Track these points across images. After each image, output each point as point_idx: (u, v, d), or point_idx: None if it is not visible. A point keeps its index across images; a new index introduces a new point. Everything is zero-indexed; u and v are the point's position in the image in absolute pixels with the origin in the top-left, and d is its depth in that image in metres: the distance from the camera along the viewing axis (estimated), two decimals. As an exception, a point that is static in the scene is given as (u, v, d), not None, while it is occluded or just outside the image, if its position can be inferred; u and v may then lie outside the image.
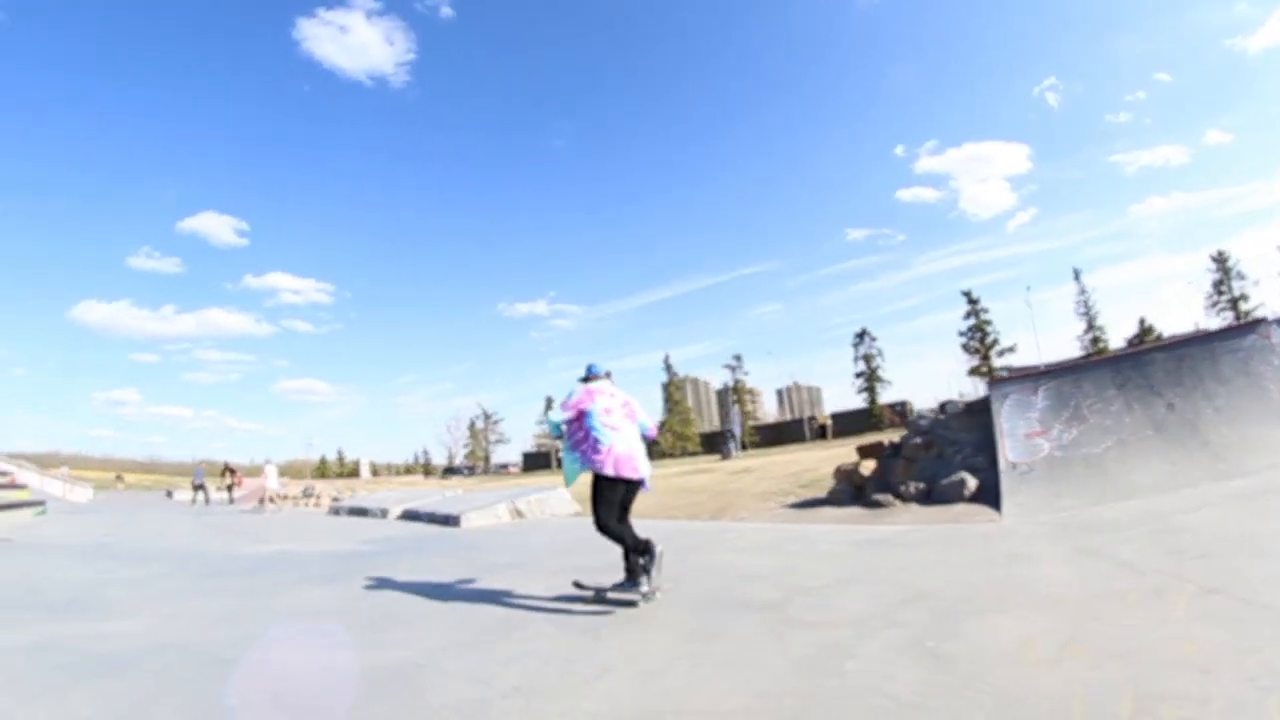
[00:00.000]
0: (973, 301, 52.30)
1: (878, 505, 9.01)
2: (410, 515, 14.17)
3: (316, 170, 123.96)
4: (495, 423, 77.59)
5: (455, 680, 3.23)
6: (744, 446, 49.20)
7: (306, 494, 27.93)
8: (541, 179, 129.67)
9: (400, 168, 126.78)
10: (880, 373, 56.97)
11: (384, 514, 15.00)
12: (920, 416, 10.94)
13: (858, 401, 57.46)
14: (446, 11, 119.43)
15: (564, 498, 13.23)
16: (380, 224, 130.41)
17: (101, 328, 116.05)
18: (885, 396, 56.72)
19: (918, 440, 9.90)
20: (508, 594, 5.24)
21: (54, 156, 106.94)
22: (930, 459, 9.56)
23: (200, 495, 29.00)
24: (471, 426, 78.28)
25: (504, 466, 77.61)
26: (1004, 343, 50.42)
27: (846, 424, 54.20)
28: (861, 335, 58.23)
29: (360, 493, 25.09)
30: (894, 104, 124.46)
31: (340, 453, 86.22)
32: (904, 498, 9.05)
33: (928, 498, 8.82)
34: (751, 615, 4.02)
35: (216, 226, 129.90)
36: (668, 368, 68.54)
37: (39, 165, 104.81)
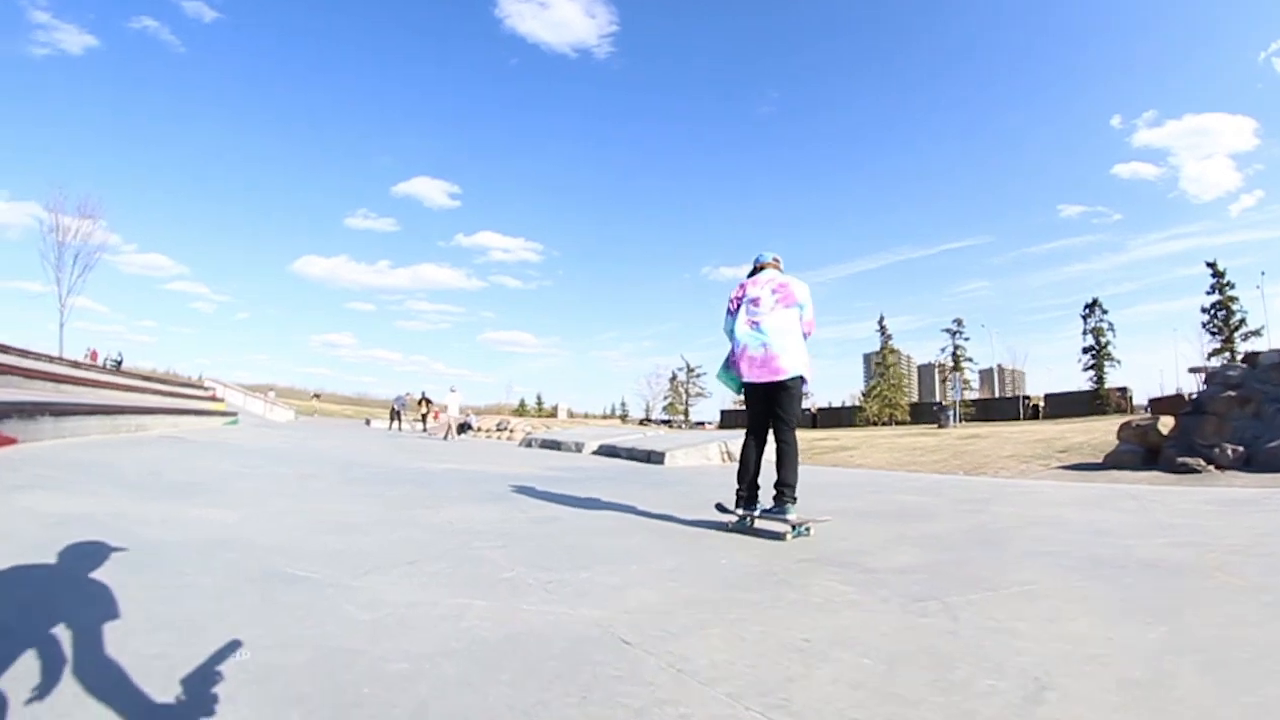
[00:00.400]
0: (1218, 274, 43.14)
1: (1185, 470, 7.80)
2: (608, 450, 13.45)
3: (525, 137, 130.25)
4: (697, 375, 75.40)
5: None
6: (960, 418, 45.58)
7: (500, 427, 29.42)
8: (747, 146, 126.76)
9: (606, 134, 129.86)
10: (1111, 350, 49.35)
11: (578, 448, 14.61)
12: (1227, 367, 9.94)
13: (1074, 384, 50.45)
14: None
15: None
16: (587, 188, 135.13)
17: (321, 279, 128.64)
18: (1115, 378, 49.17)
19: (1231, 394, 8.74)
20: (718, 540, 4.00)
21: (280, 127, 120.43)
22: (1246, 417, 8.45)
23: (396, 424, 30.55)
24: (673, 379, 77.17)
25: (701, 424, 77.92)
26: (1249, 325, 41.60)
27: (1062, 406, 47.29)
28: (1092, 306, 50.46)
29: (555, 429, 26.04)
30: (1109, 70, 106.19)
31: (539, 397, 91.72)
32: (1218, 463, 7.83)
33: (1247, 464, 7.73)
34: (1183, 580, 2.75)
35: (429, 190, 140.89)
36: (881, 329, 62.41)
37: (268, 134, 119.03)
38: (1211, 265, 43.92)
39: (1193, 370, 46.77)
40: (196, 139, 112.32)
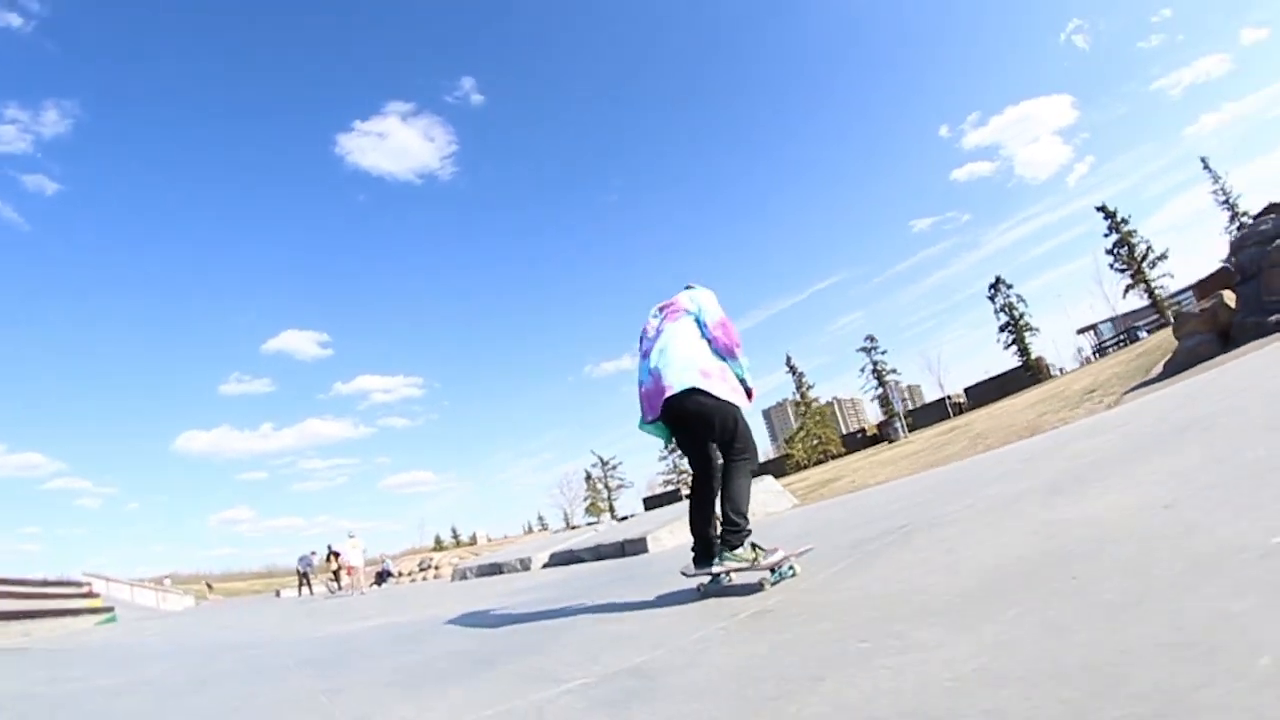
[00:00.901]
0: (1110, 215, 44.93)
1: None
2: (564, 559, 10.16)
3: (385, 272, 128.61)
4: (613, 468, 71.31)
5: None
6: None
7: (424, 566, 24.46)
8: (602, 236, 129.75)
9: (465, 253, 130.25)
10: (1028, 320, 49.45)
11: (525, 565, 10.99)
12: (1257, 223, 9.83)
13: (986, 372, 50.66)
14: (477, 99, 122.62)
15: (774, 489, 10.35)
16: (455, 312, 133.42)
17: (206, 454, 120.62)
18: (1038, 346, 49.12)
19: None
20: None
21: (136, 301, 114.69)
22: None
23: (306, 589, 26.27)
24: (588, 478, 72.52)
25: (625, 518, 72.14)
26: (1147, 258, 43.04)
27: (985, 394, 46.10)
28: (996, 285, 51.16)
29: (485, 554, 21.00)
30: (926, 87, 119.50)
31: (454, 530, 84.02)
32: None
33: None
34: None
35: (299, 342, 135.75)
36: (792, 369, 61.78)
37: (124, 310, 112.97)
38: (1102, 209, 45.47)
39: (1081, 331, 47.48)
40: (53, 323, 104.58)
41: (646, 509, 69.15)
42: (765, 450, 76.60)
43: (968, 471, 6.79)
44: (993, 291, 51.05)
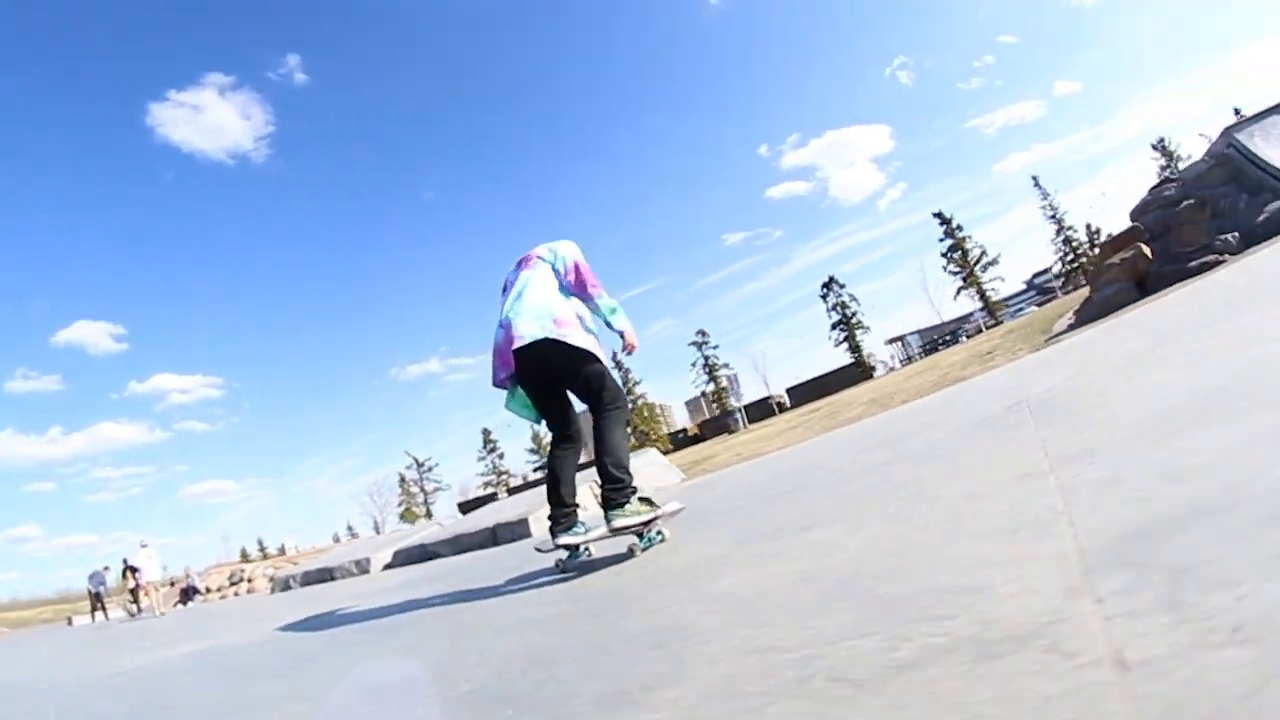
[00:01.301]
0: (946, 221, 49.67)
1: (1205, 268, 8.44)
2: (414, 557, 8.19)
3: (188, 261, 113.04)
4: (429, 469, 65.07)
5: None
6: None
7: (235, 580, 20.94)
8: (416, 235, 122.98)
9: (272, 245, 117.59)
10: (860, 318, 53.18)
11: (363, 567, 8.97)
12: (1164, 182, 11.70)
13: (798, 376, 53.89)
14: (300, 78, 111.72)
15: (660, 461, 9.33)
16: (259, 307, 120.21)
17: None
18: (869, 344, 52.98)
19: (1189, 202, 9.75)
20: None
21: None
22: (1206, 219, 9.55)
23: (100, 613, 21.42)
24: (402, 481, 65.79)
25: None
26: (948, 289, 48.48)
27: (808, 393, 48.03)
28: (829, 285, 54.43)
29: (303, 562, 18.21)
30: (751, 105, 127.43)
31: (261, 542, 75.46)
32: (1227, 251, 8.72)
33: (1249, 243, 8.68)
34: None
35: (92, 334, 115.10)
36: (618, 365, 60.59)
37: None
38: (939, 215, 49.80)
39: (889, 341, 52.22)
40: None
41: (463, 514, 65.12)
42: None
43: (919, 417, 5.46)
44: (825, 291, 54.32)
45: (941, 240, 50.37)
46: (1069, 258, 48.45)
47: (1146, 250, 9.49)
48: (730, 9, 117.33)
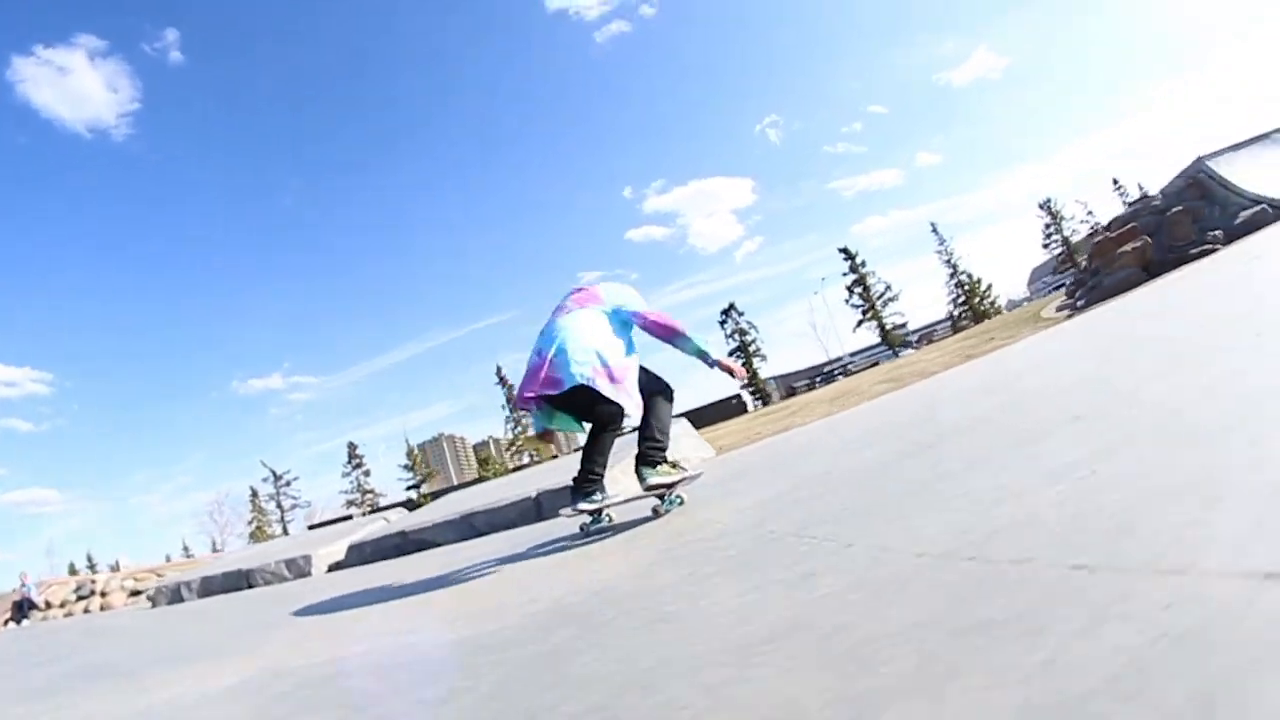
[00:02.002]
0: (851, 257, 52.37)
1: (1204, 254, 10.60)
2: (383, 550, 7.04)
3: (29, 236, 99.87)
4: (287, 483, 55.75)
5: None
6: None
7: (84, 593, 17.65)
8: (271, 241, 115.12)
9: (121, 234, 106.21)
10: (759, 345, 54.74)
11: (300, 569, 7.70)
12: (1144, 199, 15.59)
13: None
14: (176, 56, 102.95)
15: (693, 432, 9.01)
16: (100, 300, 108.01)
17: None
18: (767, 371, 54.55)
19: (1178, 209, 12.62)
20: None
21: None
22: (1189, 222, 12.07)
23: None
24: (254, 496, 55.89)
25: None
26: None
27: (704, 417, 47.90)
28: (727, 312, 55.77)
29: (169, 573, 15.70)
30: (621, 147, 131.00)
31: (90, 558, 65.82)
32: (1217, 243, 10.97)
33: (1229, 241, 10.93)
34: None
35: None
36: (501, 381, 54.78)
37: None
38: (844, 250, 52.32)
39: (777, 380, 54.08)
40: None
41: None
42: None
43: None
44: (724, 317, 55.63)
45: (845, 275, 53.06)
46: (960, 300, 52.47)
47: (1150, 242, 11.62)
48: (615, 50, 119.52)
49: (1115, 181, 55.52)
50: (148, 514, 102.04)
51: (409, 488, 52.41)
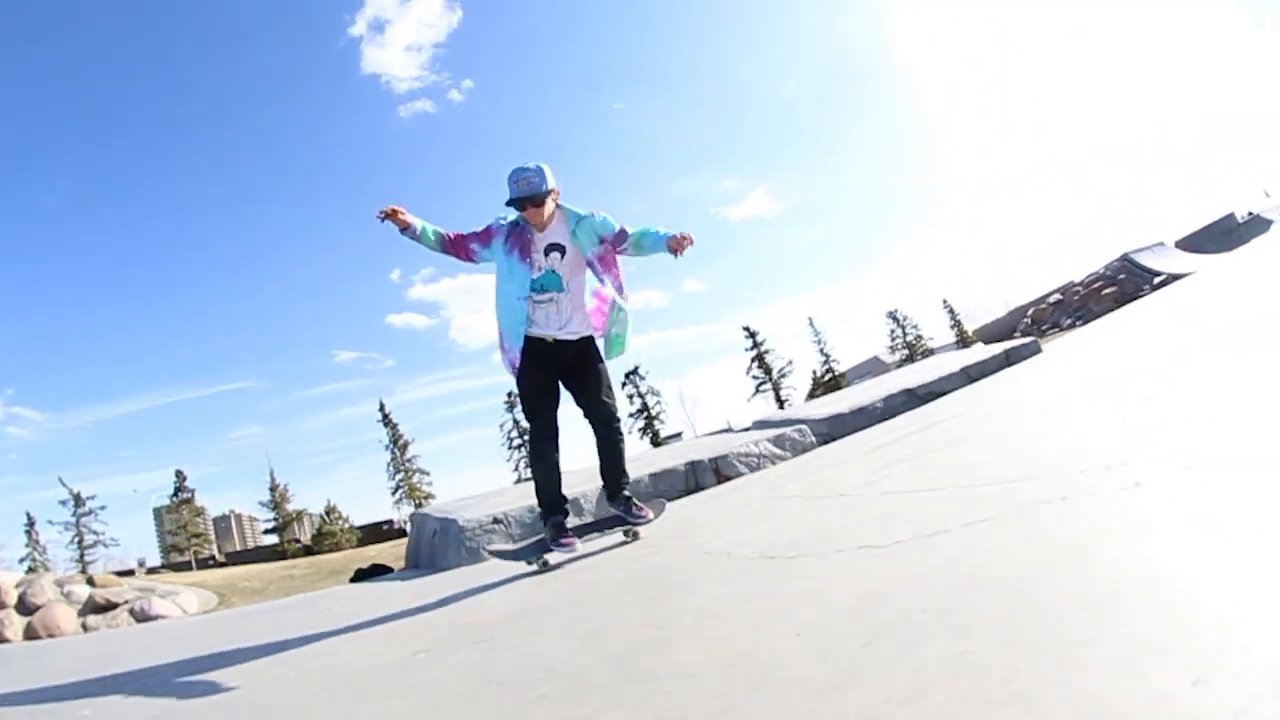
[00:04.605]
0: (752, 334, 57.24)
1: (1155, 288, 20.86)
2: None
3: None
4: (91, 512, 38.72)
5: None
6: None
7: None
8: (20, 244, 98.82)
9: None
10: (663, 413, 57.45)
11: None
12: (1124, 260, 25.60)
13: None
14: None
15: None
16: None
17: None
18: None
19: (1123, 276, 24.70)
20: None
21: None
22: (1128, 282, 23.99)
23: None
24: (30, 526, 37.74)
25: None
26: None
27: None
28: (630, 374, 58.35)
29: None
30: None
31: None
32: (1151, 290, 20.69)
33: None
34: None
35: None
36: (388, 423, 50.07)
37: None
38: (746, 328, 56.59)
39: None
40: None
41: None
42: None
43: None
44: (626, 380, 58.05)
45: (748, 350, 57.98)
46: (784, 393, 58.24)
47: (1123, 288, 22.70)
48: (413, 127, 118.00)
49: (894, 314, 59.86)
50: None
51: (268, 530, 44.63)
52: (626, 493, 3.40)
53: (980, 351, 9.64)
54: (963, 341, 51.29)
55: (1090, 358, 6.63)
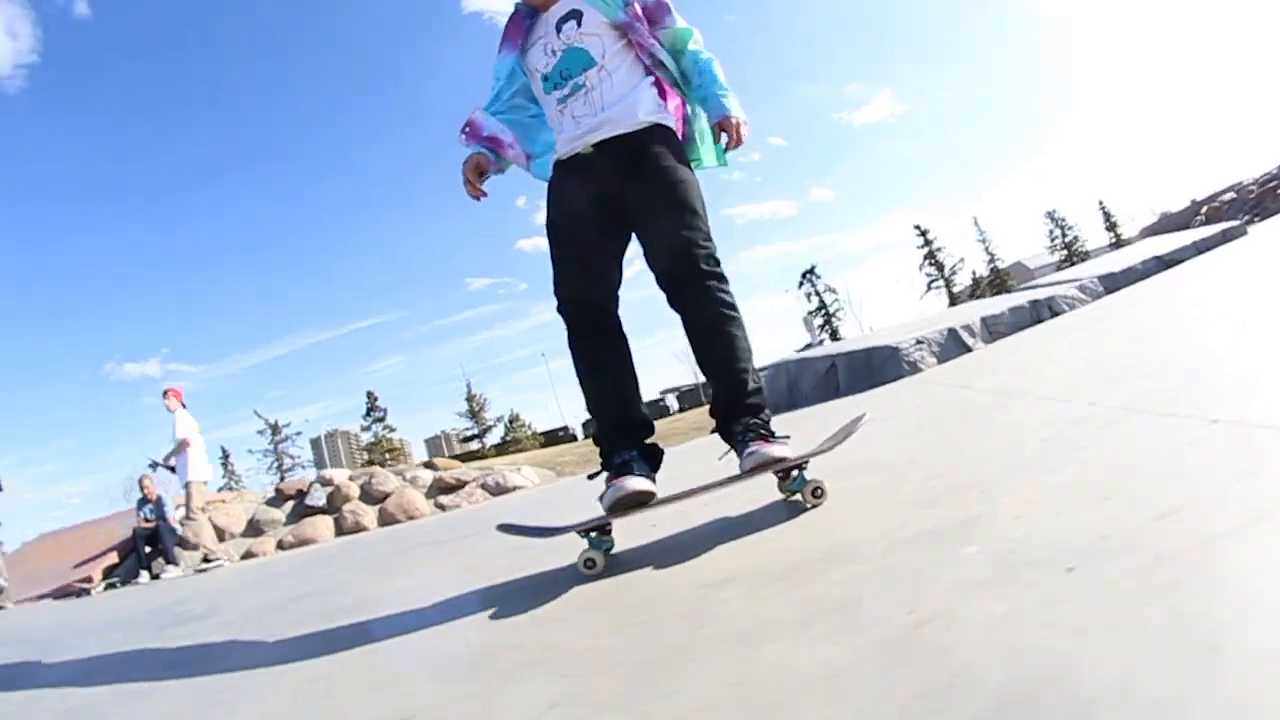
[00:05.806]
0: (924, 233, 56.82)
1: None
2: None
3: None
4: (286, 439, 43.86)
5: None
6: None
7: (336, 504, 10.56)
8: (158, 217, 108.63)
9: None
10: (840, 307, 55.30)
11: None
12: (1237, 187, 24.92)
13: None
14: (83, 10, 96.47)
15: None
16: None
17: None
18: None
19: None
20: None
21: None
22: None
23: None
24: (225, 459, 42.86)
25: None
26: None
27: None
28: (808, 274, 55.93)
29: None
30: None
31: None
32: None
33: None
34: None
35: None
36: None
37: None
38: (917, 226, 57.74)
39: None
40: None
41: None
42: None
43: None
44: (803, 279, 55.60)
45: (920, 248, 57.42)
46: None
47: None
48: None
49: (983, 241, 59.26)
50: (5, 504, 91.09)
51: (466, 439, 49.79)
52: (753, 416, 1.91)
53: (1205, 230, 11.68)
54: (1118, 243, 49.43)
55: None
